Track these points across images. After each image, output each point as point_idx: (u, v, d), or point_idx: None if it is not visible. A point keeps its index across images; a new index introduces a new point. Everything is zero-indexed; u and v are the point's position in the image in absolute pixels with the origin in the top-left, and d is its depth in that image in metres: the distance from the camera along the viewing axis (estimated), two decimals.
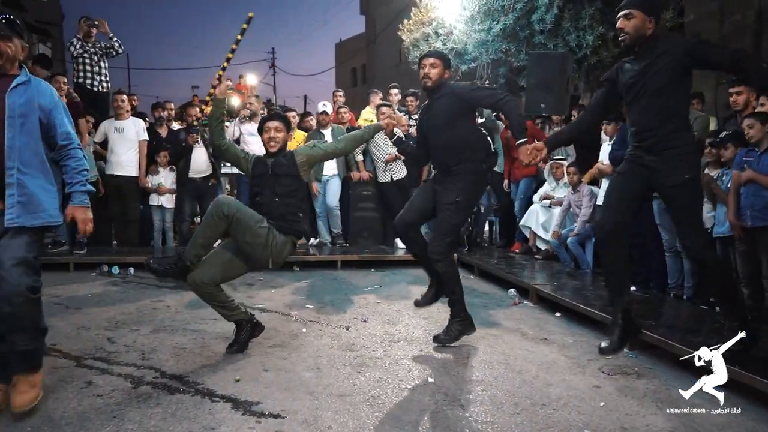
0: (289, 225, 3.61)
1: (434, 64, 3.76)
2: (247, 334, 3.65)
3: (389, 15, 26.16)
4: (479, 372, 3.34)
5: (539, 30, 8.52)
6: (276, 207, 3.59)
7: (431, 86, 3.78)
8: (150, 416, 2.63)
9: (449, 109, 3.73)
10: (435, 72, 3.75)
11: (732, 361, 2.93)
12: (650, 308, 4.51)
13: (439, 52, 3.95)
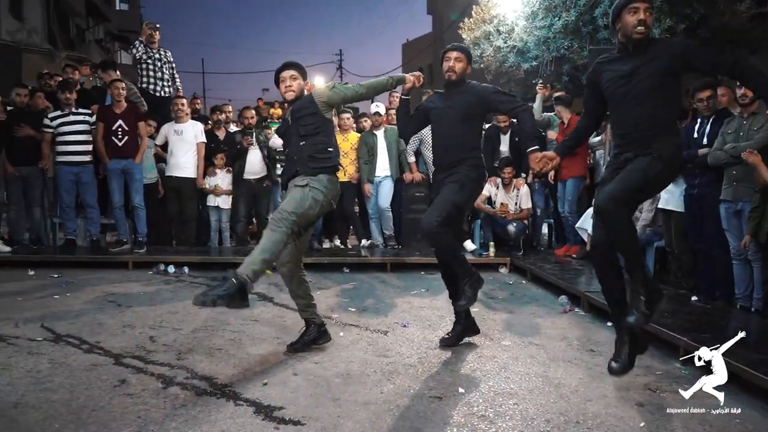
0: (321, 164, 3.53)
1: (459, 58, 3.70)
2: (312, 337, 3.69)
3: (456, 12, 25.92)
4: (514, 384, 3.19)
5: (603, 25, 8.19)
6: (303, 150, 3.52)
7: (455, 80, 3.70)
8: (172, 418, 2.65)
9: (468, 107, 3.67)
10: (460, 66, 3.69)
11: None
12: (712, 320, 4.20)
13: (463, 47, 3.85)
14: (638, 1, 2.97)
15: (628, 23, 2.98)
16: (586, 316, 4.74)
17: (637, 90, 2.97)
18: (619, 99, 3.06)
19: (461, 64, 3.69)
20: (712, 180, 4.81)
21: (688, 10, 7.69)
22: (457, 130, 3.69)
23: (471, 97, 3.68)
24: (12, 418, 2.61)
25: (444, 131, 3.76)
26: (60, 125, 6.59)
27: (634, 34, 2.97)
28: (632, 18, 2.96)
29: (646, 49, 2.98)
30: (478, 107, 3.72)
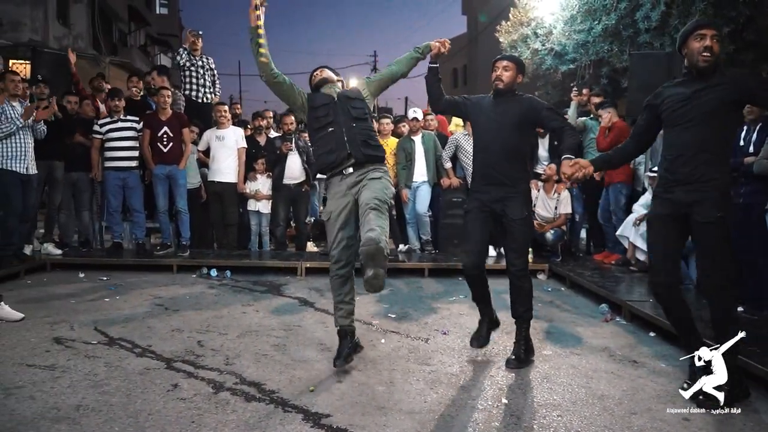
0: (376, 152, 3.52)
1: (507, 67, 3.66)
2: (352, 347, 3.59)
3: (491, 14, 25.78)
4: (557, 395, 3.20)
5: (644, 28, 8.09)
6: (355, 133, 3.46)
7: (503, 88, 3.67)
8: (225, 423, 2.75)
9: (520, 116, 3.64)
10: (507, 75, 3.65)
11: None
12: (759, 332, 4.13)
13: (514, 57, 3.80)
14: (705, 28, 3.01)
15: (694, 49, 3.01)
16: (628, 326, 4.70)
17: (694, 113, 3.00)
18: (675, 121, 3.10)
19: (509, 73, 3.65)
20: (759, 189, 4.73)
21: (734, 13, 7.52)
22: (509, 139, 3.63)
23: (525, 107, 3.65)
24: (75, 421, 2.74)
25: (494, 138, 3.67)
26: (108, 131, 6.82)
27: (700, 61, 3.00)
28: (698, 44, 3.00)
29: (711, 76, 3.00)
30: (531, 119, 3.68)
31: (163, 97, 6.69)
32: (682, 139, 3.06)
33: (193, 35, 7.62)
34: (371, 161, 3.49)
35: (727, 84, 2.97)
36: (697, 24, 3.10)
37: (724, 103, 2.97)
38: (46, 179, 6.79)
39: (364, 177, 3.46)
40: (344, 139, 3.45)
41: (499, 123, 3.65)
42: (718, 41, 3.00)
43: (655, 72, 6.77)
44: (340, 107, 3.54)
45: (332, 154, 3.47)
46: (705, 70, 3.02)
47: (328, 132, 3.49)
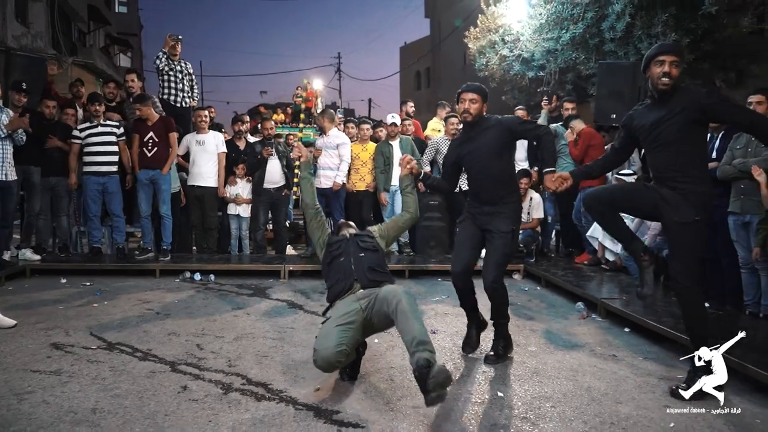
0: (382, 277, 3.55)
1: (474, 99, 3.83)
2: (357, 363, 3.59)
3: (454, 18, 26.16)
4: (547, 388, 3.43)
5: (610, 38, 8.45)
6: (365, 261, 3.59)
7: (471, 120, 3.87)
8: (241, 422, 2.88)
9: (498, 141, 3.83)
10: (475, 107, 3.84)
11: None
12: (724, 326, 4.45)
13: (479, 87, 3.90)
14: (665, 54, 3.29)
15: (655, 74, 3.31)
16: (603, 322, 4.99)
17: (666, 136, 3.29)
18: (651, 144, 3.39)
19: (476, 105, 3.83)
20: (722, 193, 5.07)
21: (693, 25, 7.95)
22: (496, 167, 3.83)
23: (498, 131, 3.84)
24: (94, 423, 2.83)
25: (482, 172, 3.87)
26: (88, 136, 6.80)
27: (660, 85, 3.29)
28: (659, 70, 3.29)
29: (671, 98, 3.29)
30: (508, 139, 3.88)
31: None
32: (661, 159, 3.36)
33: (173, 40, 7.63)
34: (379, 285, 3.47)
35: (690, 105, 3.24)
36: (658, 50, 3.37)
37: (690, 124, 3.26)
38: (23, 184, 6.73)
39: (375, 292, 3.39)
40: (351, 267, 3.56)
41: (480, 156, 3.85)
42: (677, 66, 3.29)
43: (621, 80, 7.15)
44: (351, 242, 3.72)
45: (341, 283, 3.53)
46: (664, 94, 3.32)
47: (338, 262, 3.64)
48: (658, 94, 3.35)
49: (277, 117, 20.90)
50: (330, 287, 3.62)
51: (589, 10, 8.57)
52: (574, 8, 8.72)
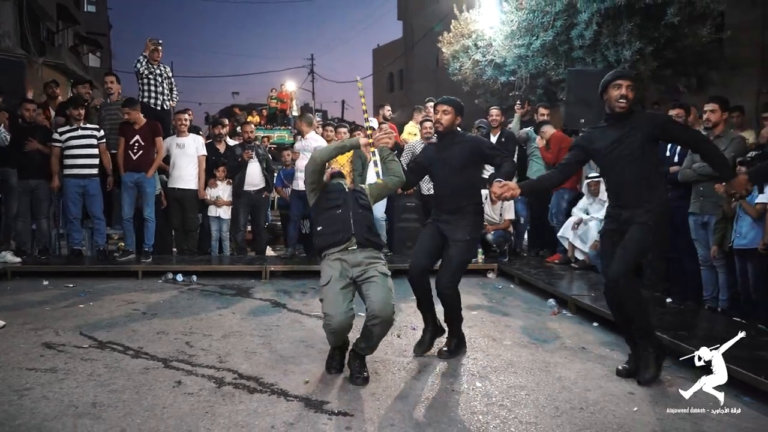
0: (376, 239, 3.77)
1: (446, 110, 4.02)
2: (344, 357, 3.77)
3: (427, 20, 26.47)
4: (522, 378, 3.67)
5: (578, 45, 8.80)
6: (363, 218, 3.73)
7: (443, 131, 4.08)
8: (237, 412, 3.05)
9: (465, 158, 4.02)
10: (447, 118, 4.03)
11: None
12: (685, 320, 4.77)
13: (452, 100, 4.09)
14: (621, 79, 3.58)
15: (612, 97, 3.60)
16: (574, 318, 5.27)
17: (625, 155, 3.56)
18: (611, 163, 3.65)
19: (448, 116, 4.02)
20: (683, 194, 5.40)
21: (657, 34, 8.35)
22: (461, 178, 4.03)
23: (470, 148, 4.05)
24: (96, 416, 2.97)
25: (447, 182, 4.07)
26: (68, 139, 6.86)
27: (617, 108, 3.59)
28: (616, 93, 3.58)
29: (628, 119, 3.57)
30: (477, 157, 4.10)
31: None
32: (621, 177, 3.62)
33: (154, 44, 7.72)
34: (372, 246, 3.70)
35: (645, 126, 3.55)
36: (615, 75, 3.68)
37: (646, 142, 3.55)
38: (1, 187, 6.76)
39: (371, 266, 3.62)
40: (350, 221, 3.68)
41: (447, 167, 4.05)
42: (632, 90, 3.59)
43: (589, 87, 7.44)
44: (351, 196, 3.83)
45: (339, 234, 3.65)
46: (621, 115, 3.60)
47: (336, 213, 3.73)
48: (616, 116, 3.62)
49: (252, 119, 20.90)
50: (322, 234, 3.73)
51: (558, 18, 8.91)
52: (544, 16, 9.05)
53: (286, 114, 20.20)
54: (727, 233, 5.04)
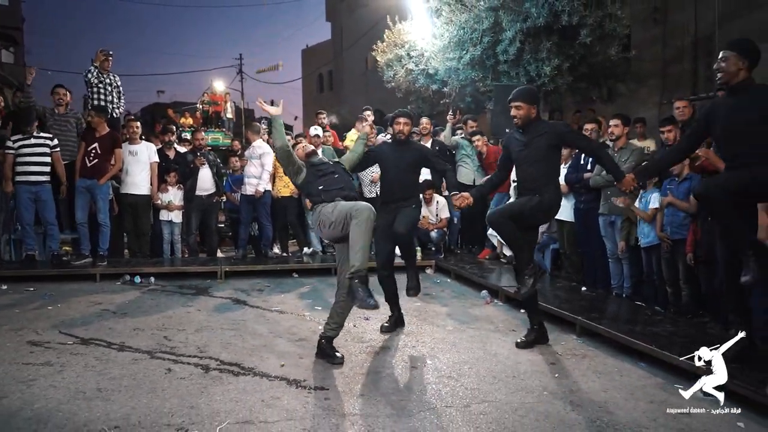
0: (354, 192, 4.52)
1: (407, 123, 5.01)
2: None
3: (356, 23, 27.06)
4: (464, 355, 4.36)
5: (503, 60, 9.65)
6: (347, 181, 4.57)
7: (404, 139, 5.01)
8: (228, 391, 3.56)
9: (416, 161, 5.04)
10: (408, 129, 5.02)
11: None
12: (596, 305, 5.61)
13: (410, 113, 5.14)
14: (512, 102, 4.46)
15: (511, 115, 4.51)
16: (504, 306, 6.04)
17: (531, 154, 4.39)
18: (520, 161, 4.51)
19: (408, 128, 5.02)
20: (594, 197, 6.28)
21: (572, 52, 9.34)
22: (407, 177, 5.00)
23: (417, 154, 5.06)
24: (105, 398, 3.41)
25: (396, 176, 4.97)
26: (21, 147, 7.02)
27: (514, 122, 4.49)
28: (512, 113, 4.45)
29: (536, 128, 4.40)
30: (420, 163, 5.10)
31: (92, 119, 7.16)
32: (527, 172, 4.48)
33: (104, 55, 7.94)
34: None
35: (549, 133, 4.39)
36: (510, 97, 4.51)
37: (549, 147, 4.39)
38: None
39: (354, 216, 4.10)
40: (343, 185, 4.44)
41: (398, 166, 4.97)
42: (519, 109, 4.41)
43: None
44: (337, 166, 4.66)
45: (342, 192, 4.33)
46: (520, 127, 4.47)
47: (333, 177, 4.45)
48: (522, 129, 4.50)
49: (186, 121, 20.84)
50: (325, 190, 4.32)
51: (485, 35, 9.74)
52: (473, 33, 9.86)
53: (221, 116, 20.31)
54: (632, 231, 5.93)
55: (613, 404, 3.48)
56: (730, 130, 3.69)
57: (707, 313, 5.18)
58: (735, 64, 3.64)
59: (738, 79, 3.66)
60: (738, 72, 3.65)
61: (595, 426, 3.17)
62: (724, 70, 3.68)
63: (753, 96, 3.60)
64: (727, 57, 3.66)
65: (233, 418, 3.17)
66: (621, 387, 3.78)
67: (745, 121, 3.59)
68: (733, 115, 3.68)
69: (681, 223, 5.18)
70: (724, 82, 3.73)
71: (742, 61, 3.63)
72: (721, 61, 3.69)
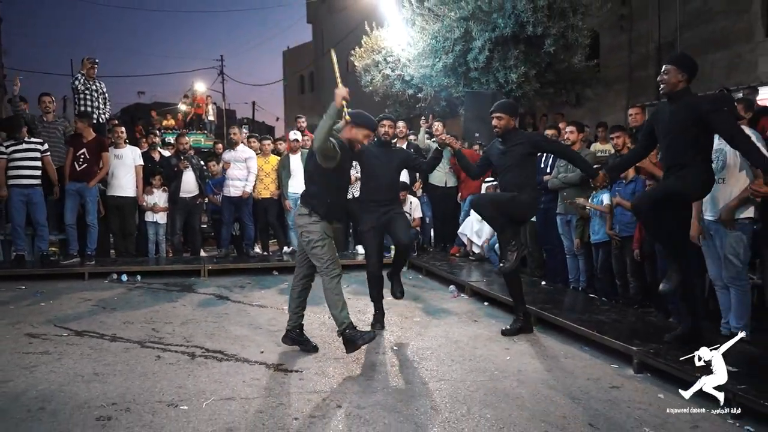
0: None
1: (391, 125, 5.35)
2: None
3: (336, 25, 27.45)
4: (428, 342, 4.81)
5: (474, 68, 10.15)
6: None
7: (389, 140, 5.33)
8: (213, 374, 3.97)
9: (401, 162, 5.35)
10: (392, 131, 5.36)
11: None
12: (554, 297, 6.10)
13: (390, 116, 5.45)
14: (492, 113, 4.87)
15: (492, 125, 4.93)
16: (470, 299, 6.51)
17: (509, 162, 4.83)
18: (500, 168, 4.94)
19: (392, 130, 5.37)
20: (552, 198, 6.77)
21: (538, 59, 9.87)
22: (394, 178, 5.31)
23: (404, 155, 5.46)
24: (102, 380, 3.80)
25: (385, 177, 5.20)
26: (13, 152, 7.35)
27: (494, 132, 4.86)
28: (493, 123, 4.85)
29: (514, 137, 4.84)
30: (404, 164, 5.44)
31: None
32: (507, 176, 4.91)
33: (90, 62, 8.29)
34: None
35: (525, 142, 4.82)
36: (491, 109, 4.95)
37: (525, 154, 4.82)
38: None
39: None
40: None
41: (385, 166, 5.23)
42: (499, 119, 4.85)
43: (483, 107, 8.80)
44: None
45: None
46: (500, 136, 4.93)
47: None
48: (499, 136, 4.89)
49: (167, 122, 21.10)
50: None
51: (457, 43, 10.24)
52: (445, 41, 10.35)
53: (202, 118, 20.63)
54: (586, 229, 6.43)
55: (554, 381, 3.96)
56: (668, 133, 4.14)
57: (652, 304, 5.68)
58: (675, 77, 4.08)
59: (677, 89, 4.11)
60: (678, 83, 4.09)
61: (535, 398, 3.64)
62: (666, 82, 4.13)
63: (686, 104, 4.05)
64: (669, 70, 4.10)
65: (217, 395, 3.59)
66: (564, 367, 4.26)
67: (679, 126, 4.04)
68: (670, 120, 4.13)
69: (628, 222, 5.67)
70: (666, 93, 4.18)
71: (682, 74, 4.07)
72: (664, 74, 4.13)
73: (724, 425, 3.23)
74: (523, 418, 3.33)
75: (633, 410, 3.46)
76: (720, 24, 12.00)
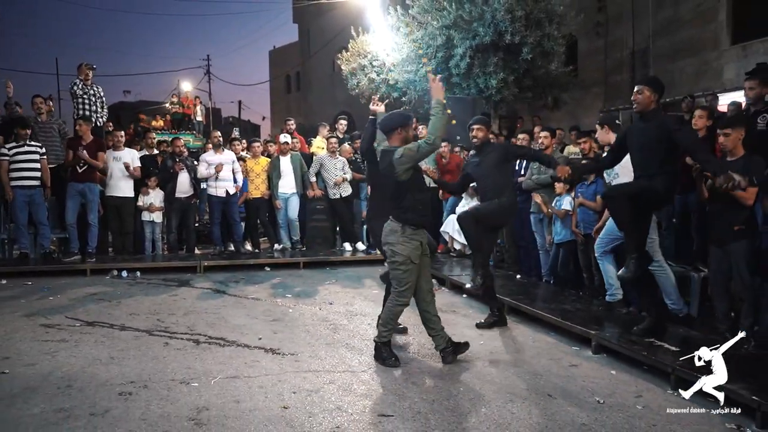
0: None
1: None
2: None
3: (323, 26, 27.83)
4: (409, 330, 5.30)
5: (456, 73, 10.67)
6: None
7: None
8: (217, 357, 4.44)
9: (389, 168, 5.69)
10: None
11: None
12: (528, 289, 6.62)
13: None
14: (473, 125, 5.37)
15: (470, 137, 5.42)
16: (450, 292, 7.02)
17: (485, 169, 5.32)
18: (478, 177, 5.46)
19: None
20: (527, 198, 7.28)
21: (516, 66, 10.40)
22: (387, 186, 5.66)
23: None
24: (118, 363, 4.25)
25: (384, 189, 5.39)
26: (15, 154, 7.74)
27: (472, 143, 5.38)
28: (472, 134, 5.37)
29: (487, 147, 5.35)
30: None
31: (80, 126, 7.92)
32: (484, 183, 5.42)
33: (88, 68, 8.69)
34: None
35: (497, 151, 5.33)
36: (471, 122, 5.46)
37: (498, 162, 5.31)
38: None
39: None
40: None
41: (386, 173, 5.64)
42: (479, 131, 5.35)
43: (464, 111, 9.35)
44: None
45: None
46: (477, 147, 5.43)
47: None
48: (477, 149, 5.42)
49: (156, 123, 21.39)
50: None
51: (439, 50, 10.75)
52: (428, 48, 10.85)
53: (191, 119, 20.94)
54: None
55: (521, 361, 4.48)
56: (639, 148, 4.61)
57: None
58: (648, 97, 4.52)
59: (649, 109, 4.56)
60: (650, 103, 4.55)
61: (502, 375, 4.15)
62: (639, 102, 4.57)
63: (657, 123, 4.52)
64: (642, 90, 4.54)
65: (223, 374, 4.06)
66: (531, 349, 4.78)
67: (650, 142, 4.52)
68: (642, 136, 4.60)
69: (592, 220, 6.20)
70: (639, 111, 4.65)
71: (654, 94, 4.54)
72: (638, 93, 4.55)
73: (664, 395, 3.77)
74: (491, 391, 3.85)
75: (587, 383, 3.99)
76: (689, 32, 12.62)
